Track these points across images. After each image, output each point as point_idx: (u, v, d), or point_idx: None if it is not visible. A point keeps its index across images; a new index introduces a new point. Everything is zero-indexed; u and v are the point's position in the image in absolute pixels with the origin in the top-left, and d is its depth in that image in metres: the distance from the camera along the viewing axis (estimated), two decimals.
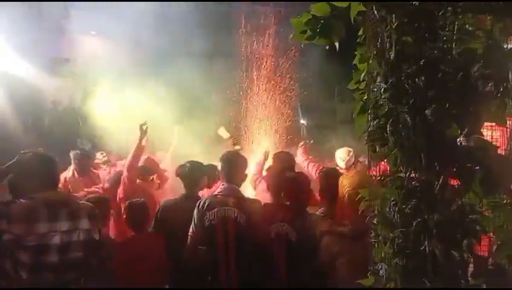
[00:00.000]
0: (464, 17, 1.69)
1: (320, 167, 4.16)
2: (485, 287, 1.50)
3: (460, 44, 1.66)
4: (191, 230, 2.89)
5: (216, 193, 2.91)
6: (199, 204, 2.89)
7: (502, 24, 1.70)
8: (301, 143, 4.93)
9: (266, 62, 6.71)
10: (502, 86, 1.54)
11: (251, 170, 3.84)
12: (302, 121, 10.33)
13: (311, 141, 5.26)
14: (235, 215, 2.78)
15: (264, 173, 3.97)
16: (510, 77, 1.57)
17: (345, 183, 2.49)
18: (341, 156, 4.60)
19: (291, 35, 2.34)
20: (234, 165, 2.94)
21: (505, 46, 1.69)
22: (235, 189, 2.88)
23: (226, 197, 2.84)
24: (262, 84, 6.65)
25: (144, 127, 3.74)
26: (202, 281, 2.83)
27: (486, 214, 1.54)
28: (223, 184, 2.92)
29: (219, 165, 3.10)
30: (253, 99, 6.65)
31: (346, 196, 2.45)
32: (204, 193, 3.52)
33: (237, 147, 4.95)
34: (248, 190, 3.91)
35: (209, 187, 3.67)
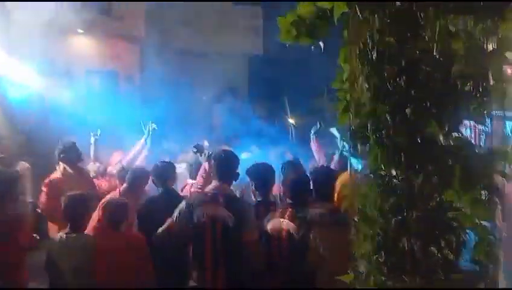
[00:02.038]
0: (445, 18, 1.72)
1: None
2: (463, 283, 1.52)
3: (441, 44, 1.69)
4: (167, 224, 2.85)
5: (207, 190, 2.91)
6: (188, 201, 2.89)
7: (482, 25, 1.73)
8: (312, 131, 4.97)
9: None
10: (481, 85, 1.57)
11: None
12: (290, 121, 10.37)
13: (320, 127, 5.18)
14: (224, 214, 2.78)
15: None
16: (490, 77, 1.61)
17: (338, 182, 2.57)
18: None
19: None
20: (226, 163, 2.93)
21: (486, 47, 1.72)
22: (225, 188, 2.88)
23: (216, 195, 2.83)
24: None
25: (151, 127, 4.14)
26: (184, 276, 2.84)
27: (465, 211, 1.57)
28: (214, 182, 2.91)
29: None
30: None
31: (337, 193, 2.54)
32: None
33: (204, 143, 5.00)
34: None
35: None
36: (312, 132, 4.92)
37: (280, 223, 2.80)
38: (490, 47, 1.70)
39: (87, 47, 10.51)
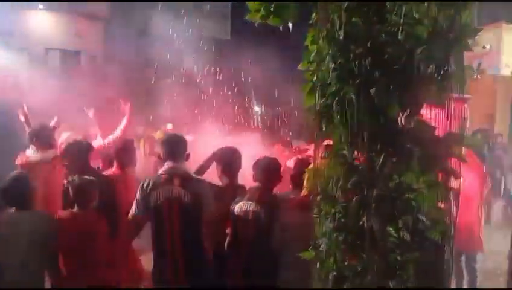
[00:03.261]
0: (410, 3, 1.74)
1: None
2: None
3: (406, 29, 1.71)
4: (132, 211, 2.82)
5: (160, 172, 2.84)
6: (143, 184, 2.83)
7: (445, 11, 1.77)
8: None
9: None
10: (442, 69, 1.61)
11: None
12: (256, 109, 10.39)
13: None
14: (181, 194, 2.73)
15: None
16: (451, 62, 1.65)
17: (291, 166, 2.60)
18: None
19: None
20: (175, 144, 2.88)
21: (448, 34, 1.76)
22: (179, 167, 2.83)
23: (171, 176, 2.78)
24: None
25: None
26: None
27: (423, 192, 1.61)
28: (167, 163, 2.85)
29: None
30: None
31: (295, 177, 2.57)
32: None
33: (169, 126, 4.95)
34: None
35: None
36: None
37: (247, 205, 2.80)
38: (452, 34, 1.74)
39: (48, 24, 10.03)
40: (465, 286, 4.02)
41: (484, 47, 9.57)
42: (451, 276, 1.74)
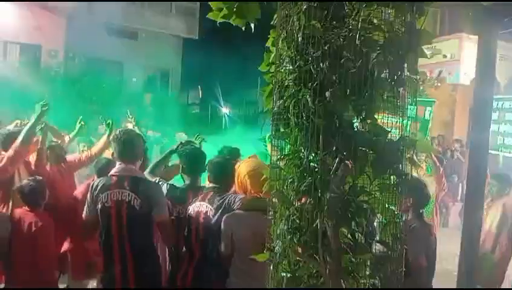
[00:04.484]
0: (368, 8, 1.77)
1: None
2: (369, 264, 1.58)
3: (364, 33, 1.73)
4: (84, 212, 2.72)
5: (111, 173, 2.75)
6: (92, 185, 2.73)
7: (402, 18, 1.80)
8: None
9: None
10: (396, 74, 1.64)
11: None
12: (224, 111, 10.32)
13: None
14: (130, 198, 2.65)
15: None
16: (405, 68, 1.69)
17: (243, 168, 2.59)
18: None
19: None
20: (128, 143, 2.78)
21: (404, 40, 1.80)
22: (131, 169, 2.74)
23: (121, 178, 2.69)
24: None
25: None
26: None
27: (376, 195, 1.63)
28: (119, 164, 2.76)
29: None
30: None
31: (246, 178, 2.56)
32: None
33: (129, 124, 4.81)
34: None
35: None
36: None
37: (199, 206, 2.75)
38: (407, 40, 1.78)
39: (7, 17, 9.60)
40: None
41: (445, 56, 9.99)
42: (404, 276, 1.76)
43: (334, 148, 1.57)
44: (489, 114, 1.81)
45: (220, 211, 2.65)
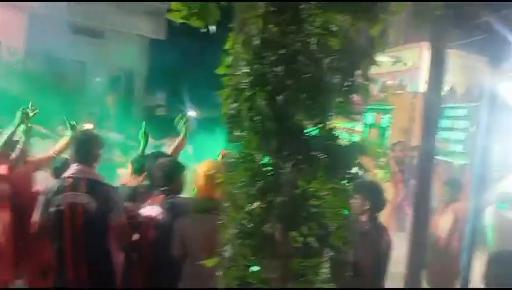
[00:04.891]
0: (325, 13, 1.79)
1: None
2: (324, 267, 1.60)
3: (320, 39, 1.76)
4: (35, 216, 2.62)
5: (67, 175, 2.66)
6: (46, 187, 2.63)
7: (357, 25, 1.84)
8: None
9: None
10: (349, 80, 1.67)
11: None
12: (189, 113, 10.20)
13: None
14: (86, 201, 2.57)
15: None
16: (357, 75, 1.72)
17: (200, 168, 2.59)
18: None
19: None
20: (85, 144, 2.70)
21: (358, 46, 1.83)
22: (87, 171, 2.66)
23: (77, 180, 2.61)
24: None
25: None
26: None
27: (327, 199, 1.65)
28: (76, 165, 2.67)
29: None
30: None
31: (202, 179, 2.55)
32: None
33: (88, 125, 4.69)
34: None
35: None
36: None
37: (149, 210, 2.71)
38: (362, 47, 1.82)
39: None
40: None
41: (405, 64, 10.29)
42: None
43: (287, 152, 1.58)
44: (437, 121, 1.88)
45: (172, 214, 2.61)
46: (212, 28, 2.28)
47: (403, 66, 10.30)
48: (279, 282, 1.57)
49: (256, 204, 1.49)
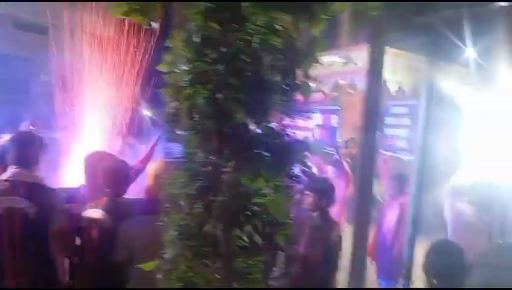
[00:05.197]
0: (267, 12, 1.79)
1: None
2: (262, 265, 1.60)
3: (262, 37, 1.75)
4: None
5: (5, 178, 2.51)
6: None
7: (298, 24, 1.86)
8: None
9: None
10: (290, 79, 1.68)
11: None
12: (145, 112, 9.93)
13: None
14: (24, 206, 2.44)
15: None
16: (298, 74, 1.74)
17: (150, 169, 2.54)
18: None
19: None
20: (23, 146, 2.56)
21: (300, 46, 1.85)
22: (25, 174, 2.53)
23: (14, 183, 2.47)
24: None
25: None
26: None
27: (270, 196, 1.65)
28: (14, 168, 2.53)
29: None
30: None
31: (151, 179, 2.49)
32: None
33: (32, 128, 4.49)
34: None
35: None
36: None
37: (93, 212, 2.62)
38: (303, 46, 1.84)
39: None
40: None
41: (356, 64, 10.58)
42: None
43: (228, 151, 1.57)
44: (376, 119, 1.93)
45: (116, 216, 2.53)
46: (155, 25, 2.23)
47: (354, 66, 10.63)
48: (224, 282, 1.56)
49: (196, 204, 1.47)
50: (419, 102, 2.71)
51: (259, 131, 1.62)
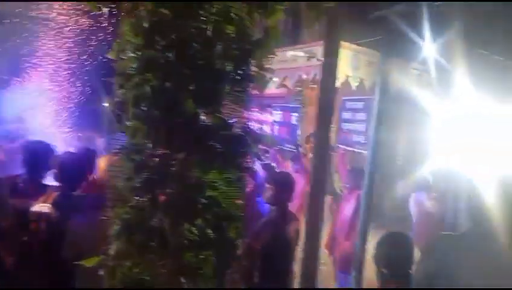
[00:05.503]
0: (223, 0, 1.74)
1: None
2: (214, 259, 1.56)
3: (216, 25, 1.70)
4: None
5: None
6: None
7: (254, 14, 1.82)
8: None
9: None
10: (242, 69, 1.64)
11: None
12: (105, 104, 9.62)
13: None
14: None
15: None
16: (251, 64, 1.70)
17: (101, 163, 2.43)
18: None
19: None
20: None
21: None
22: None
23: None
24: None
25: None
26: None
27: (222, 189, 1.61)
28: None
29: None
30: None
31: (102, 174, 2.39)
32: None
33: None
34: None
35: None
36: None
37: (40, 207, 2.49)
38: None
39: None
40: None
41: (319, 59, 10.70)
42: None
43: (178, 142, 1.51)
44: (330, 114, 1.93)
45: (66, 212, 2.42)
46: (105, 11, 2.13)
47: (317, 61, 10.73)
48: (172, 278, 1.51)
49: (142, 197, 1.41)
50: (374, 97, 2.74)
51: (210, 122, 1.57)
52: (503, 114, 4.16)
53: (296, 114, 5.28)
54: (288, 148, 5.28)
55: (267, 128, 6.27)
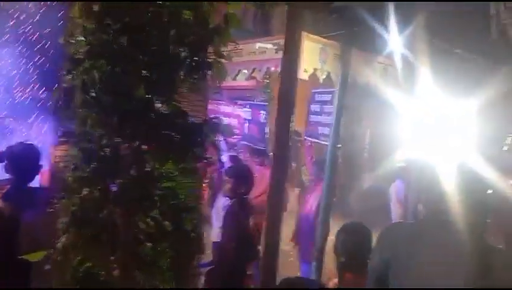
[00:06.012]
0: None
1: None
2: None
3: (172, 10, 1.64)
4: None
5: None
6: None
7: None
8: None
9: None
10: (199, 56, 1.58)
11: None
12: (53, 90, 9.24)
13: None
14: None
15: None
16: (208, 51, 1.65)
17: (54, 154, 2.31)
18: None
19: None
20: None
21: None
22: None
23: None
24: None
25: None
26: None
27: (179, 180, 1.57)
28: None
29: None
30: None
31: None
32: None
33: None
34: None
35: None
36: None
37: None
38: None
39: None
40: None
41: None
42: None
43: (130, 131, 1.45)
44: (290, 104, 1.91)
45: (17, 206, 2.29)
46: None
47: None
48: (125, 272, 1.45)
49: (91, 188, 1.34)
50: (338, 89, 2.76)
51: (166, 110, 1.51)
52: (464, 105, 4.28)
53: (264, 112, 5.28)
54: (257, 147, 5.27)
55: (234, 122, 6.24)
